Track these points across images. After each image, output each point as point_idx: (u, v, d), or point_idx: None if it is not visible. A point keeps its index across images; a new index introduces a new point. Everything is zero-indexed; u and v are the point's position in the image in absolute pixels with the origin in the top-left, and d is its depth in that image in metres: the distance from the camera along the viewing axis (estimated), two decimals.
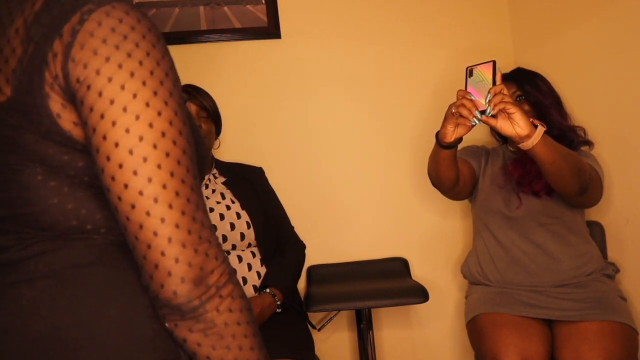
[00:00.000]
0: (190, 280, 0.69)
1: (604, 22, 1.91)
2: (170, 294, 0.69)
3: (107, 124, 0.67)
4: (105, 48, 0.67)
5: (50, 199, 0.73)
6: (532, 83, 1.90)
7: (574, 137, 1.87)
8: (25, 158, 0.72)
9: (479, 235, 1.97)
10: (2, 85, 0.70)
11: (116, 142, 0.67)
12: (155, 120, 0.68)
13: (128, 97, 0.67)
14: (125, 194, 0.68)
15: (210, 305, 0.71)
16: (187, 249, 0.69)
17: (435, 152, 1.75)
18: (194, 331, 0.71)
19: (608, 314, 1.68)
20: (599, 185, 1.77)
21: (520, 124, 1.50)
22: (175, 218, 0.68)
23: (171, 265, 0.68)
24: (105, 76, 0.67)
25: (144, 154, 0.67)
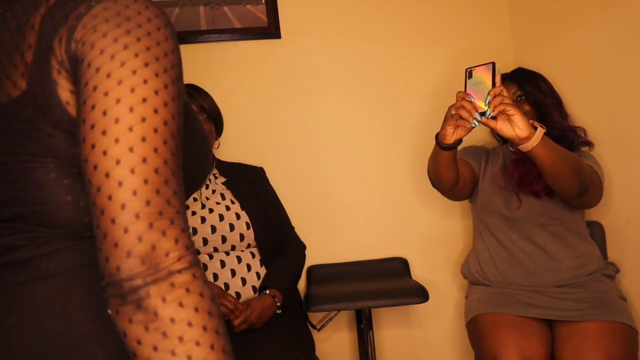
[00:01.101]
0: (137, 255, 0.61)
1: (604, 22, 1.91)
2: (113, 269, 0.62)
3: (99, 94, 0.64)
4: (105, 25, 0.66)
5: (63, 196, 0.71)
6: (533, 83, 1.90)
7: (574, 138, 1.87)
8: (39, 154, 0.71)
9: (479, 235, 1.97)
10: (18, 80, 0.71)
11: (104, 111, 0.64)
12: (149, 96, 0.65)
13: (126, 72, 0.65)
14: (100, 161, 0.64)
15: (155, 290, 0.61)
16: (141, 220, 0.62)
17: (435, 153, 1.75)
18: (133, 322, 0.61)
19: (608, 314, 1.68)
20: (599, 186, 1.77)
21: (520, 126, 1.50)
22: (134, 184, 0.62)
23: (120, 235, 0.62)
24: (98, 49, 0.65)
25: (130, 124, 0.63)
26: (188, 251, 0.64)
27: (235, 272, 1.78)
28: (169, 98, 0.66)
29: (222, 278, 1.76)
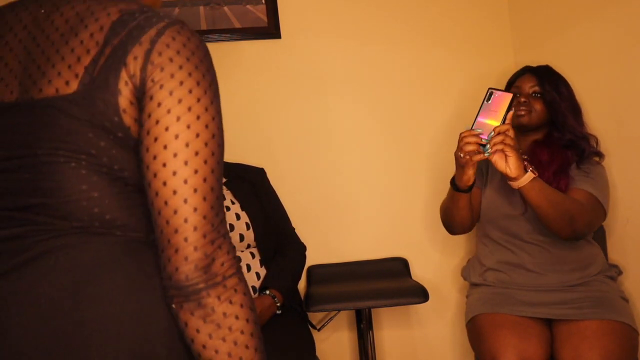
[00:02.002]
0: (202, 267, 0.76)
1: (604, 22, 1.91)
2: (182, 277, 0.76)
3: (171, 117, 0.77)
4: (179, 58, 0.78)
5: (89, 192, 0.78)
6: (553, 83, 1.87)
7: (585, 147, 1.84)
8: (72, 149, 0.77)
9: (483, 243, 1.96)
10: (70, 80, 0.77)
11: (166, 127, 0.76)
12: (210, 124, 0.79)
13: (193, 101, 0.78)
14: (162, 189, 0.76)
15: (214, 292, 0.77)
16: (207, 240, 0.77)
17: (456, 200, 1.80)
18: (194, 315, 0.76)
19: (609, 313, 1.68)
20: (599, 217, 1.78)
21: (511, 167, 1.59)
22: (205, 210, 0.77)
23: (190, 252, 0.76)
24: (178, 80, 0.77)
25: (186, 140, 0.77)
26: (234, 258, 0.80)
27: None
28: (217, 133, 0.81)
29: None
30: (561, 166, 1.79)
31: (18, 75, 0.81)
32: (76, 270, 0.78)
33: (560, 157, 1.80)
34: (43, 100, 0.78)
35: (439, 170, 2.33)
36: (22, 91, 0.80)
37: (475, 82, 2.39)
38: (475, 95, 2.38)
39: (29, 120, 0.79)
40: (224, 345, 0.77)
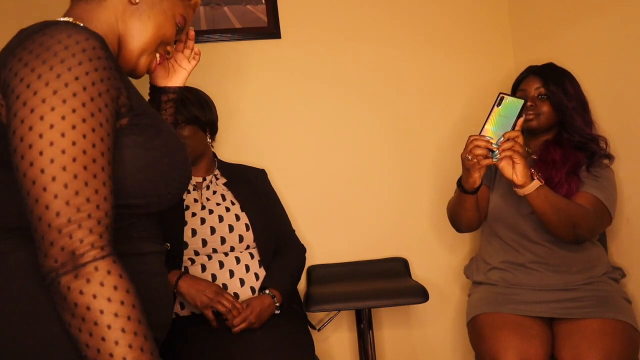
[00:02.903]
0: (51, 255, 0.78)
1: (604, 22, 1.91)
2: (40, 265, 0.80)
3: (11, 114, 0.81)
4: (28, 56, 0.82)
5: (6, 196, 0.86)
6: (559, 83, 1.86)
7: (595, 149, 1.83)
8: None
9: (488, 242, 1.95)
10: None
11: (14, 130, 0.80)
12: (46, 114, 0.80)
13: (30, 94, 0.80)
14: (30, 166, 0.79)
15: (64, 281, 0.78)
16: (52, 229, 0.78)
17: (461, 200, 1.81)
18: (57, 304, 0.80)
19: (610, 312, 1.68)
20: (604, 223, 1.78)
21: (518, 174, 1.59)
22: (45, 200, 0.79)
23: (39, 240, 0.79)
24: (19, 77, 0.81)
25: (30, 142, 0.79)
26: (93, 247, 0.79)
27: (234, 272, 1.78)
28: (77, 120, 0.80)
29: (220, 279, 1.76)
30: (573, 167, 1.79)
31: None
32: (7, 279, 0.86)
33: (573, 158, 1.80)
34: None
35: (442, 170, 2.33)
36: None
37: (475, 82, 2.39)
38: (474, 95, 2.38)
39: None
40: (81, 336, 0.78)
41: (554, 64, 1.94)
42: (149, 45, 1.03)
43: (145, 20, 1.01)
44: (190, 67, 1.35)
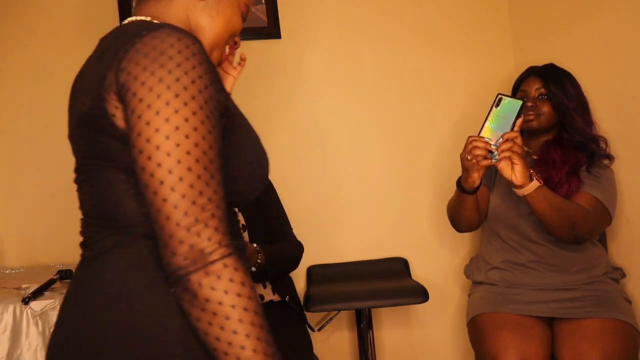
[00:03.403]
0: (181, 254, 0.80)
1: (604, 22, 1.91)
2: (166, 264, 0.81)
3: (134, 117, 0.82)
4: (145, 60, 0.83)
5: (114, 193, 0.88)
6: (559, 83, 1.86)
7: (595, 149, 1.83)
8: (101, 157, 0.88)
9: (488, 242, 1.95)
10: (86, 100, 0.89)
11: (139, 132, 0.81)
12: (171, 117, 0.81)
13: (153, 97, 0.82)
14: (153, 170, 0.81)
15: (194, 278, 0.80)
16: (181, 227, 0.80)
17: (460, 200, 1.81)
18: (184, 300, 0.82)
19: (610, 311, 1.68)
20: (603, 223, 1.78)
21: (517, 175, 1.59)
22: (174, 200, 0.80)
23: (166, 240, 0.80)
24: (140, 81, 0.82)
25: (157, 143, 0.80)
26: (221, 245, 0.81)
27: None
28: (189, 129, 0.82)
29: None
30: (573, 167, 1.79)
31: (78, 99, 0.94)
32: (108, 273, 0.87)
33: (573, 158, 1.80)
34: (77, 119, 0.91)
35: (442, 170, 2.33)
36: (79, 112, 0.92)
37: (475, 82, 2.39)
38: (474, 95, 2.38)
39: (80, 136, 0.91)
40: (211, 329, 0.81)
41: (554, 65, 1.94)
42: (221, 39, 1.05)
43: (214, 15, 1.02)
44: (236, 74, 1.37)
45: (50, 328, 1.53)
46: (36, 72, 2.22)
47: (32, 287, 1.59)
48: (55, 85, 2.23)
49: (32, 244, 2.19)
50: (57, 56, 2.22)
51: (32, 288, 1.58)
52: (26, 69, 2.22)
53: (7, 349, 1.53)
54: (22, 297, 1.54)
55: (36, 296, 1.55)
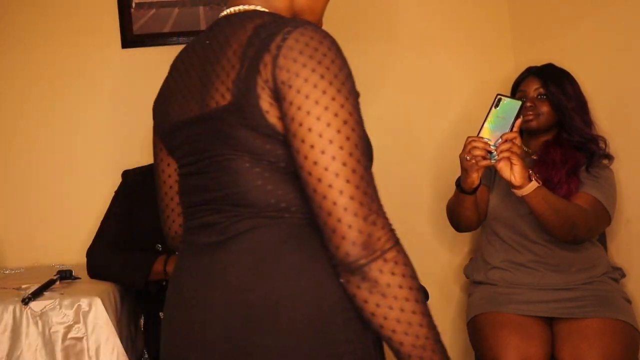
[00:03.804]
0: (359, 244, 0.84)
1: (604, 22, 1.91)
2: (343, 254, 0.84)
3: (302, 113, 0.85)
4: (302, 58, 0.87)
5: (255, 181, 0.91)
6: (558, 83, 1.86)
7: (595, 149, 1.83)
8: (237, 149, 0.91)
9: (488, 242, 1.95)
10: (225, 93, 0.91)
11: (309, 128, 0.85)
12: (339, 112, 0.86)
13: (319, 94, 0.85)
14: (314, 170, 0.85)
15: (375, 265, 0.84)
16: (358, 217, 0.84)
17: (460, 200, 1.81)
18: (361, 288, 0.85)
19: (610, 311, 1.68)
20: (603, 223, 1.78)
21: (516, 175, 1.59)
22: (350, 191, 0.85)
23: (345, 230, 0.84)
24: (302, 78, 0.86)
25: (330, 137, 0.85)
26: (390, 232, 0.88)
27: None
28: (353, 123, 0.88)
29: None
30: (573, 167, 1.79)
31: (196, 95, 0.97)
32: (258, 250, 0.91)
33: (572, 158, 1.80)
34: (210, 112, 0.93)
35: (442, 170, 2.33)
36: (199, 108, 0.96)
37: (475, 82, 2.39)
38: (474, 95, 2.38)
39: (205, 130, 0.94)
40: (391, 312, 0.86)
41: (553, 65, 1.94)
42: (321, 16, 1.10)
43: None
44: None
45: (50, 328, 1.53)
46: (36, 72, 2.22)
47: (32, 287, 1.59)
48: (55, 85, 2.25)
49: (32, 244, 2.19)
50: (57, 56, 2.22)
51: (32, 288, 1.58)
52: (26, 68, 2.22)
53: (7, 349, 1.53)
54: (22, 297, 1.54)
55: (36, 296, 1.55)
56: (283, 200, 0.92)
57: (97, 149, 2.23)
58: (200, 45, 1.01)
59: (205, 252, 0.95)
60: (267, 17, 0.94)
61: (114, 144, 2.24)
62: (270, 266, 0.90)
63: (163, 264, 1.73)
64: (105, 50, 2.24)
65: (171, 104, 1.03)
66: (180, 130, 1.00)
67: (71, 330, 1.54)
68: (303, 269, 0.91)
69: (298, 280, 0.90)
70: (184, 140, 0.99)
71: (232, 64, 0.92)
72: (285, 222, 0.92)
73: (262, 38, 0.90)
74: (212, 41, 0.98)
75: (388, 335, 0.87)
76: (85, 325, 1.55)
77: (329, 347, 0.89)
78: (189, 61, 1.03)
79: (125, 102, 2.24)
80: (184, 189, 1.03)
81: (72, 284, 1.73)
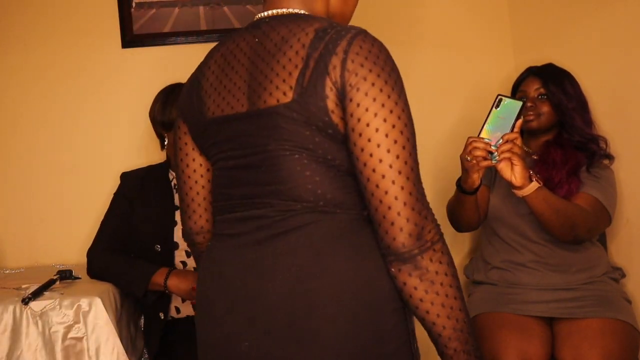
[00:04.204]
0: (415, 235, 0.94)
1: (604, 22, 1.91)
2: (399, 245, 0.94)
3: (370, 115, 0.94)
4: (368, 63, 0.95)
5: (312, 177, 0.97)
6: (559, 83, 1.86)
7: (595, 149, 1.83)
8: (295, 146, 0.97)
9: (488, 242, 1.95)
10: (287, 91, 0.96)
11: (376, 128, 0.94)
12: (400, 115, 0.96)
13: (385, 97, 0.95)
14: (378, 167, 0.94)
15: (426, 255, 0.94)
16: (415, 212, 0.94)
17: (461, 201, 1.81)
18: (412, 276, 0.95)
19: (610, 311, 1.68)
20: (603, 223, 1.78)
21: (516, 176, 1.58)
22: (409, 187, 0.94)
23: (403, 223, 0.93)
24: (370, 82, 0.94)
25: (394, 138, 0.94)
26: (437, 226, 0.98)
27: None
28: (410, 125, 0.98)
29: None
30: (574, 167, 1.79)
31: (245, 92, 1.02)
32: (314, 244, 0.97)
33: (573, 158, 1.80)
34: (268, 109, 0.98)
35: (442, 170, 2.33)
36: (250, 104, 1.00)
37: (475, 83, 2.39)
38: (474, 95, 2.38)
39: (258, 125, 0.99)
40: (437, 298, 0.95)
41: (553, 65, 1.94)
42: (349, 20, 1.17)
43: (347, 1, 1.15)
44: None
45: (50, 328, 1.53)
46: (36, 72, 2.22)
47: (32, 287, 1.59)
48: (55, 85, 2.24)
49: (32, 244, 2.19)
50: (57, 56, 2.22)
51: (32, 288, 1.58)
52: (26, 68, 2.22)
53: (7, 349, 1.53)
54: (22, 297, 1.54)
55: (36, 296, 1.55)
56: (336, 197, 0.99)
57: (97, 148, 2.23)
58: (246, 43, 1.05)
59: (255, 245, 1.00)
60: (323, 22, 1.00)
61: (113, 144, 2.24)
62: (329, 258, 0.97)
63: (164, 278, 1.73)
64: (105, 50, 2.24)
65: (208, 101, 1.06)
66: (223, 125, 1.04)
67: (71, 330, 1.54)
68: (357, 262, 0.98)
69: (355, 272, 0.97)
70: (230, 135, 1.03)
71: (295, 64, 0.97)
72: (337, 218, 0.99)
73: (326, 42, 0.96)
74: (263, 40, 1.02)
75: (432, 320, 0.97)
76: (85, 325, 1.55)
77: (380, 333, 0.98)
78: (232, 59, 1.06)
79: (125, 102, 2.24)
80: (225, 182, 1.06)
81: (72, 284, 1.73)
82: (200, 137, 1.10)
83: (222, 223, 1.08)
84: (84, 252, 1.85)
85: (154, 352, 1.79)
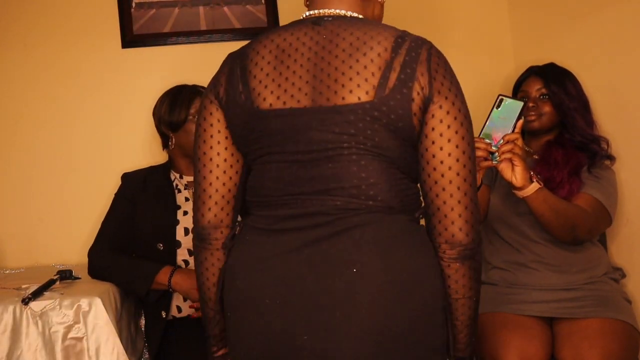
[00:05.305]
0: (472, 235, 1.05)
1: (604, 22, 1.91)
2: (457, 242, 1.04)
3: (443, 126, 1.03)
4: (446, 74, 1.04)
5: (379, 177, 1.02)
6: (560, 83, 1.86)
7: (597, 150, 1.83)
8: (367, 145, 1.00)
9: (489, 242, 1.95)
10: (369, 90, 1.00)
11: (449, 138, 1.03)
12: (468, 127, 1.06)
13: (456, 111, 1.04)
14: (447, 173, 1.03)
15: (478, 249, 1.07)
16: (474, 215, 1.05)
17: None
18: (464, 265, 1.06)
19: (610, 311, 1.68)
20: (603, 224, 1.78)
21: (517, 177, 1.58)
22: (471, 194, 1.05)
23: (463, 224, 1.04)
24: (446, 92, 1.03)
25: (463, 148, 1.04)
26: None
27: None
28: (471, 130, 1.07)
29: None
30: (575, 167, 1.79)
31: (312, 85, 1.03)
32: (377, 242, 1.02)
33: (574, 158, 1.80)
34: (347, 105, 1.00)
35: None
36: (323, 99, 1.02)
37: (475, 83, 2.39)
38: (474, 95, 2.37)
39: (330, 121, 1.01)
40: (475, 284, 1.10)
41: (554, 64, 1.94)
42: None
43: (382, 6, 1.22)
44: None
45: (50, 328, 1.53)
46: (36, 72, 2.22)
47: (32, 287, 1.59)
48: (55, 85, 2.24)
49: (32, 244, 2.19)
50: (56, 56, 2.22)
51: (32, 288, 1.57)
52: (26, 68, 2.22)
53: (7, 349, 1.53)
54: (22, 297, 1.54)
55: (36, 296, 1.55)
56: (396, 199, 1.04)
57: (97, 149, 2.23)
58: (309, 38, 1.06)
59: (312, 242, 1.02)
60: (393, 28, 1.07)
61: (114, 144, 2.24)
62: (391, 257, 1.02)
63: (168, 276, 1.73)
64: (105, 50, 2.24)
65: (264, 91, 1.04)
66: (280, 117, 1.03)
67: (71, 330, 1.54)
68: (416, 260, 1.05)
69: (415, 270, 1.04)
70: (287, 127, 1.03)
71: (378, 66, 1.01)
72: (396, 218, 1.05)
73: (407, 49, 1.03)
74: (333, 38, 1.04)
75: (463, 302, 1.09)
76: (85, 325, 1.55)
77: (433, 328, 1.06)
78: (292, 50, 1.05)
79: (125, 102, 2.24)
80: (272, 175, 1.06)
81: (72, 284, 1.73)
82: (242, 127, 1.07)
83: (265, 218, 1.07)
84: (84, 252, 1.85)
85: (154, 352, 1.79)
